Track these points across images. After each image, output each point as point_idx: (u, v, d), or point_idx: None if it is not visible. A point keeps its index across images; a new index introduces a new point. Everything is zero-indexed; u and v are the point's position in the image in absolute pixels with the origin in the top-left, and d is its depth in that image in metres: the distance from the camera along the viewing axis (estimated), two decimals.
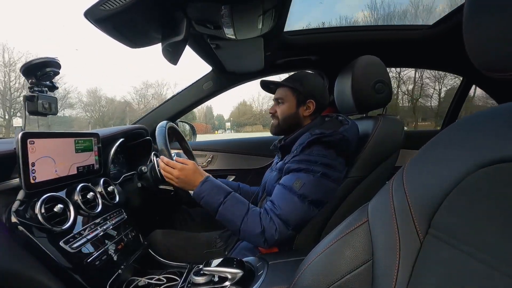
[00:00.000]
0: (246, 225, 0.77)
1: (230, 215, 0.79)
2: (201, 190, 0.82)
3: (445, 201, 0.32)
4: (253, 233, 0.77)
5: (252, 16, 0.79)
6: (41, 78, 0.71)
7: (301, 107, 0.95)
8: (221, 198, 0.80)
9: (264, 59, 1.25)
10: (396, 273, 0.35)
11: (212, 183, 0.84)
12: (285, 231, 0.76)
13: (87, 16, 0.66)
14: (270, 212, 0.78)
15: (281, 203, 0.78)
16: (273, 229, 0.76)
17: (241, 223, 0.78)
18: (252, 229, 0.77)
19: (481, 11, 0.31)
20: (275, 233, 0.75)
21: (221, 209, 0.80)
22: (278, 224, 0.76)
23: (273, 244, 0.77)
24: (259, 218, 0.78)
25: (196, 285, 0.63)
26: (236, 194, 0.84)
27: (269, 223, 0.76)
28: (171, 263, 0.94)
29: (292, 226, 0.77)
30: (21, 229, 0.57)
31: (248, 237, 0.78)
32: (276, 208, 0.78)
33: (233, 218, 0.79)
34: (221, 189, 0.83)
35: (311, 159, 0.80)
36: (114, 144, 0.98)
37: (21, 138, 0.61)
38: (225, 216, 0.80)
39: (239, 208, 0.80)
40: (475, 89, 4.47)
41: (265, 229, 0.76)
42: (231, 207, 0.80)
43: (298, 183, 0.78)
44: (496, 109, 0.34)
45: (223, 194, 0.81)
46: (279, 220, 0.76)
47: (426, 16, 8.24)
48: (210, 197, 0.81)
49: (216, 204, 0.80)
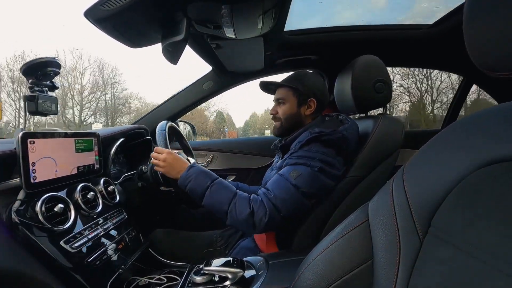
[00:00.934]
0: (234, 208, 0.75)
1: (217, 198, 0.77)
2: (187, 174, 0.81)
3: (446, 201, 0.32)
4: (241, 216, 0.74)
5: (252, 15, 0.79)
6: (42, 78, 0.71)
7: (302, 107, 0.95)
8: (208, 182, 0.79)
9: (264, 59, 1.25)
10: (396, 272, 0.35)
11: (198, 168, 0.82)
12: (275, 215, 0.75)
13: (87, 16, 0.66)
14: (262, 196, 0.77)
15: (275, 188, 0.77)
16: (262, 212, 0.74)
17: (228, 206, 0.75)
18: (240, 212, 0.75)
19: (482, 10, 0.31)
20: (264, 216, 0.73)
21: (208, 193, 0.78)
22: (269, 208, 0.74)
23: (262, 228, 0.75)
24: (247, 201, 0.76)
25: (196, 284, 0.63)
26: (223, 180, 0.82)
27: (259, 205, 0.75)
28: (172, 262, 0.94)
29: (283, 212, 0.75)
30: (22, 228, 0.57)
31: (235, 220, 0.76)
32: (269, 192, 0.77)
33: (220, 201, 0.77)
34: (207, 174, 0.81)
35: (310, 155, 0.80)
36: (115, 144, 0.98)
37: (22, 138, 0.61)
38: (211, 200, 0.78)
39: (226, 192, 0.78)
40: (478, 90, 4.42)
41: (254, 211, 0.74)
42: (218, 191, 0.78)
43: (294, 173, 0.78)
44: (496, 108, 0.34)
45: (210, 179, 0.80)
46: (270, 204, 0.75)
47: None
48: (197, 182, 0.79)
49: (203, 188, 0.78)
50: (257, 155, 1.58)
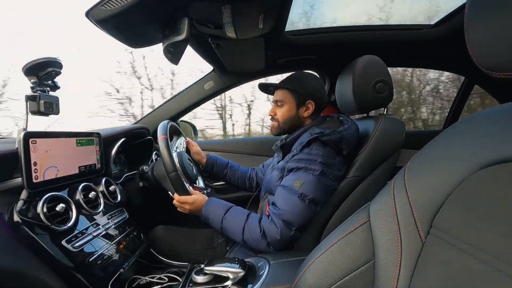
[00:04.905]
0: (247, 233, 0.79)
1: (232, 227, 0.82)
2: (205, 213, 0.86)
3: (447, 201, 0.32)
4: (255, 238, 0.77)
5: (253, 15, 0.79)
6: (43, 78, 0.71)
7: (301, 108, 0.96)
8: (222, 213, 0.84)
9: (265, 59, 1.25)
10: (397, 273, 0.35)
11: (212, 202, 0.88)
12: (288, 232, 0.76)
13: (88, 16, 0.66)
14: (272, 214, 0.79)
15: (282, 204, 0.79)
16: (273, 230, 0.76)
17: (243, 232, 0.79)
18: (252, 235, 0.78)
19: (483, 10, 0.31)
20: (276, 234, 0.75)
21: (224, 223, 0.82)
22: (279, 225, 0.76)
23: (278, 246, 0.77)
24: (257, 222, 0.79)
25: (197, 284, 0.63)
26: (236, 207, 0.86)
27: (270, 225, 0.77)
28: (173, 262, 0.95)
29: (295, 226, 0.77)
30: (24, 228, 0.57)
31: (251, 243, 0.79)
32: (277, 209, 0.79)
33: (235, 230, 0.81)
34: (221, 205, 0.87)
35: (310, 158, 0.81)
36: (116, 143, 0.98)
37: (23, 137, 0.61)
38: (228, 229, 0.82)
39: (238, 219, 0.82)
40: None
41: (264, 231, 0.77)
42: (232, 220, 0.82)
43: (297, 182, 0.79)
44: (497, 109, 0.33)
45: (224, 210, 0.84)
46: (280, 221, 0.77)
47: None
48: (214, 215, 0.85)
49: (219, 219, 0.83)
50: (257, 155, 1.58)
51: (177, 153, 1.03)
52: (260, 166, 1.27)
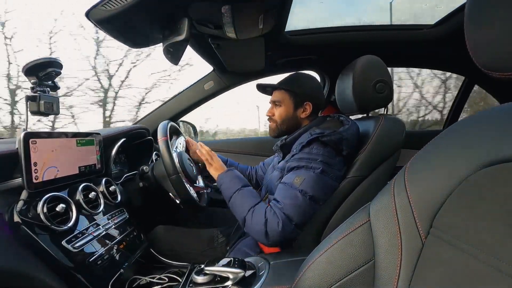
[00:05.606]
0: (252, 215, 0.80)
1: (241, 203, 0.84)
2: (225, 175, 0.92)
3: (447, 201, 0.32)
4: (257, 224, 0.78)
5: (253, 16, 0.79)
6: (43, 78, 0.71)
7: (298, 109, 0.96)
8: (238, 186, 0.87)
9: (265, 59, 1.25)
10: (398, 273, 0.35)
11: (235, 173, 0.93)
12: (288, 225, 0.76)
13: (88, 16, 0.66)
14: (274, 207, 0.79)
15: (283, 198, 0.79)
16: (275, 222, 0.76)
17: (247, 212, 0.81)
18: (256, 220, 0.78)
19: (483, 10, 0.31)
20: (277, 226, 0.75)
21: (235, 195, 0.86)
22: (281, 218, 0.76)
23: (276, 238, 0.76)
24: (264, 211, 0.79)
25: (197, 284, 0.63)
26: (252, 189, 0.89)
27: (273, 216, 0.77)
28: (173, 262, 0.95)
29: (295, 220, 0.77)
30: (24, 228, 0.57)
31: (251, 227, 0.79)
32: (279, 203, 0.79)
33: (242, 206, 0.83)
34: (241, 180, 0.91)
35: (311, 157, 0.81)
36: (116, 144, 0.98)
37: (23, 138, 0.61)
38: (236, 201, 0.85)
39: (251, 199, 0.84)
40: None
41: (267, 220, 0.77)
42: (244, 197, 0.85)
43: (298, 179, 0.79)
44: (497, 109, 0.33)
45: (241, 184, 0.88)
46: (282, 214, 0.77)
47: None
48: (230, 184, 0.89)
49: (233, 190, 0.87)
50: (257, 155, 1.58)
51: (177, 153, 1.03)
52: (261, 164, 1.27)
